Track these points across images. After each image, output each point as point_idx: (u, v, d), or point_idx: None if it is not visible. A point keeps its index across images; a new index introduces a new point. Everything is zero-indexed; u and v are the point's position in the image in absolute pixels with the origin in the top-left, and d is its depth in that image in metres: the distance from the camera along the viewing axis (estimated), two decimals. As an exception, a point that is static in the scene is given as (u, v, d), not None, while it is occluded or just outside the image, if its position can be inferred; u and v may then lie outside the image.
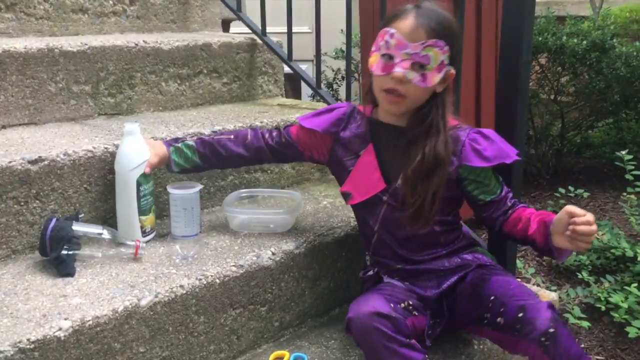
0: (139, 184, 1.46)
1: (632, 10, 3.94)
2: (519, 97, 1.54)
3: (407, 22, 1.28)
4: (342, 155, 1.47)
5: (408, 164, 1.34)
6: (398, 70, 1.28)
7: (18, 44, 1.70)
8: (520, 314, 1.23)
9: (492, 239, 1.68)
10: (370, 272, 1.50)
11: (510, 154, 1.35)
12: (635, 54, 3.03)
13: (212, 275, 1.36)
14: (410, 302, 1.35)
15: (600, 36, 3.10)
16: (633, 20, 3.85)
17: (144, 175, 1.46)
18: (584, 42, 3.06)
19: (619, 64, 3.05)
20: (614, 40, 3.15)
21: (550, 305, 1.24)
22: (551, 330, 1.19)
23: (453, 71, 1.34)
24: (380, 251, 1.46)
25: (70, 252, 1.36)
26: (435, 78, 1.29)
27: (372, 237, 1.45)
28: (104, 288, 1.28)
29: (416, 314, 1.34)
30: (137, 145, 1.46)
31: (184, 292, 1.31)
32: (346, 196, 1.47)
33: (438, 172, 1.32)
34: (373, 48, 1.35)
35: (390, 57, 1.30)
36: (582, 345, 1.97)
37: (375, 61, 1.33)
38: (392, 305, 1.28)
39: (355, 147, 1.45)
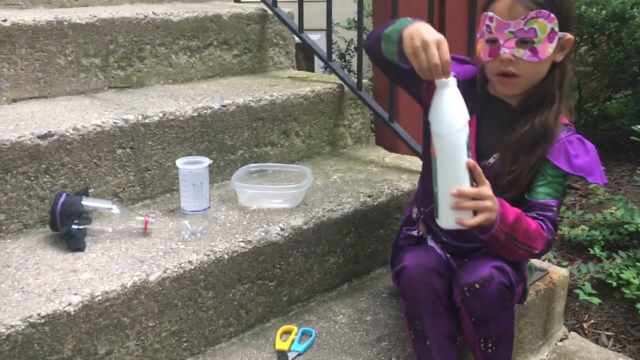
0: (468, 150, 1.19)
1: (656, -24, 3.82)
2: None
3: (504, 1, 1.24)
4: None
5: (511, 135, 1.31)
6: (504, 52, 1.24)
7: (27, 17, 1.69)
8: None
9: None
10: (415, 232, 1.49)
11: (595, 174, 1.29)
12: (656, 23, 2.94)
13: (220, 251, 1.37)
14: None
15: (620, 5, 3.01)
16: (657, -14, 3.74)
17: (468, 136, 1.20)
18: (603, 11, 2.98)
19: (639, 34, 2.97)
20: (635, 9, 3.06)
21: (499, 268, 1.26)
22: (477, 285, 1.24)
23: (570, 36, 1.27)
24: None
25: (80, 227, 1.37)
26: (548, 49, 1.23)
27: None
28: (113, 263, 1.29)
29: None
30: (458, 99, 1.19)
31: (193, 267, 1.32)
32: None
33: (543, 144, 1.29)
34: (477, 35, 1.32)
35: (494, 41, 1.26)
36: (592, 321, 1.96)
37: (481, 48, 1.30)
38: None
39: None
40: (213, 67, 2.10)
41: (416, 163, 1.95)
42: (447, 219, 1.21)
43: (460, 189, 1.17)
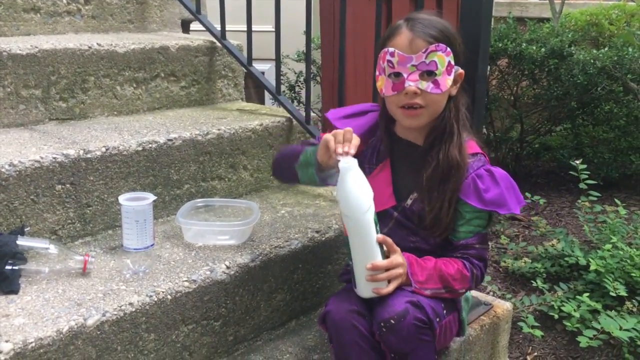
0: (376, 225, 1.27)
1: (592, 14, 4.02)
2: (475, 108, 1.55)
3: (403, 36, 1.29)
4: (364, 161, 1.43)
5: (422, 175, 1.34)
6: (410, 85, 1.28)
7: (-37, 46, 1.63)
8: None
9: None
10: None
11: (508, 204, 1.31)
12: (592, 61, 3.08)
13: (163, 292, 1.33)
14: None
15: (559, 43, 3.15)
16: (592, 23, 3.93)
17: (376, 214, 1.28)
18: (543, 49, 3.11)
19: (577, 71, 3.10)
20: (572, 47, 3.20)
21: (414, 303, 1.26)
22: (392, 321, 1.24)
23: (462, 71, 1.34)
24: None
25: (14, 268, 1.31)
26: (448, 81, 1.30)
27: None
28: (49, 306, 1.24)
29: None
30: (361, 181, 1.26)
31: (134, 309, 1.27)
32: None
33: (453, 177, 1.32)
34: (377, 72, 1.35)
35: (397, 75, 1.30)
36: (535, 354, 2.00)
37: (383, 84, 1.33)
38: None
39: (375, 158, 1.43)
40: (160, 98, 2.07)
41: (364, 197, 1.95)
42: (364, 290, 1.29)
43: (375, 263, 1.26)
